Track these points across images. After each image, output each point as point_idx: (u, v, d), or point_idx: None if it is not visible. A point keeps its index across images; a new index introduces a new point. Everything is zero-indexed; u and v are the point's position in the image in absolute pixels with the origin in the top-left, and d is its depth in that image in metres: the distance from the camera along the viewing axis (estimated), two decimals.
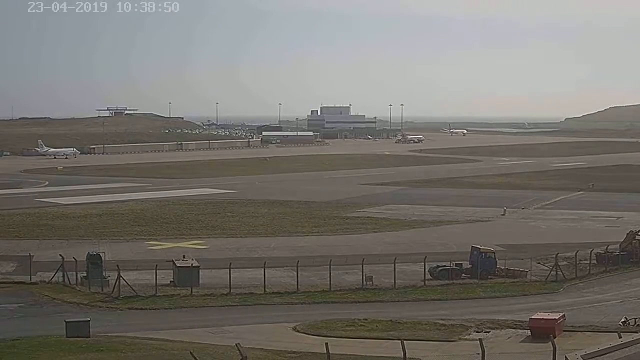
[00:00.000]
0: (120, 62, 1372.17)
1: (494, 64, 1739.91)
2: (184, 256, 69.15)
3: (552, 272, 67.09)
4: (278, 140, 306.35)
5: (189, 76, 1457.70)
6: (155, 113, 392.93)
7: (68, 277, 64.07)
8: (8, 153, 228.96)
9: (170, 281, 64.02)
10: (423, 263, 65.76)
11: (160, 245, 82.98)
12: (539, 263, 72.33)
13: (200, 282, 63.14)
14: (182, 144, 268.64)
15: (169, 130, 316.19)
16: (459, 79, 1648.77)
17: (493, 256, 68.83)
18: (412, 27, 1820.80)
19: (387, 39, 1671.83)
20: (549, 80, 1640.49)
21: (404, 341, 35.90)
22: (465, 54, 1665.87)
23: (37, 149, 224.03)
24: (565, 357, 32.06)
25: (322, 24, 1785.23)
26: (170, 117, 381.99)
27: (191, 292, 60.48)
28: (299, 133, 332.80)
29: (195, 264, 65.04)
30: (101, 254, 66.57)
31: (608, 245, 75.12)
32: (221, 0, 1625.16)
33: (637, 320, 50.35)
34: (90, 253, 66.31)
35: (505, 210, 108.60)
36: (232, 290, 60.80)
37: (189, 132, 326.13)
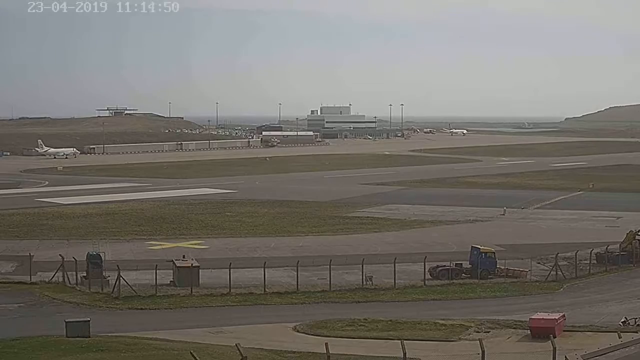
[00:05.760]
0: (121, 62, 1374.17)
1: (493, 64, 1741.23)
2: (184, 256, 69.07)
3: (552, 272, 67.17)
4: (278, 140, 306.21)
5: (189, 76, 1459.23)
6: (155, 113, 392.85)
7: (68, 277, 64.09)
8: (8, 153, 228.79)
9: (170, 281, 64.00)
10: (423, 263, 65.80)
11: (160, 245, 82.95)
12: (539, 263, 72.37)
13: (200, 282, 63.13)
14: (182, 144, 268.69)
15: (169, 130, 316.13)
16: (460, 79, 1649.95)
17: (493, 256, 68.88)
18: (411, 27, 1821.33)
19: (387, 40, 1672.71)
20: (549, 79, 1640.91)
21: (404, 341, 35.88)
22: (465, 53, 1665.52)
23: (37, 149, 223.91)
24: (565, 357, 32.11)
25: (322, 25, 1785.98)
26: (170, 117, 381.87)
27: (191, 292, 60.49)
28: (299, 133, 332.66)
29: (195, 264, 65.01)
30: (101, 254, 66.57)
31: (608, 245, 75.16)
32: (221, 0, 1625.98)
33: (637, 320, 50.33)
34: (90, 253, 66.33)
35: (505, 210, 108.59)
36: (232, 290, 60.82)
37: (189, 132, 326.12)
